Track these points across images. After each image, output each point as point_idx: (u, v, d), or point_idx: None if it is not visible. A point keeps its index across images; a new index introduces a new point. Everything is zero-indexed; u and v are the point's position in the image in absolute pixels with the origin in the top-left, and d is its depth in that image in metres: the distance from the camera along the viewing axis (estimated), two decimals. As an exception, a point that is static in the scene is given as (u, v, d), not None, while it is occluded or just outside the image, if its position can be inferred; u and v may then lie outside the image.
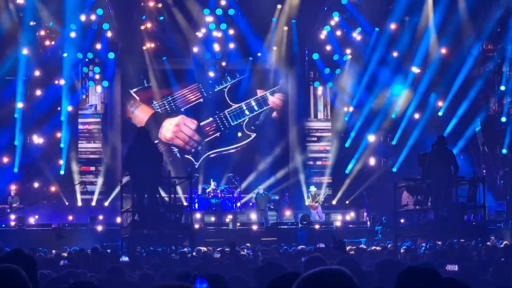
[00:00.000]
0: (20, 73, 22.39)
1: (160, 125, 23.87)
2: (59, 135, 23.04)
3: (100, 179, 23.22)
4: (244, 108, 24.45)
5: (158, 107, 24.46)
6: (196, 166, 23.28)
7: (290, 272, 4.35)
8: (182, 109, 24.50)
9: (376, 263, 7.98)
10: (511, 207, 20.40)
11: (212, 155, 24.22)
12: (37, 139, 22.89)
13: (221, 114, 24.29)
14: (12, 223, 20.45)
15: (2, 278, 3.97)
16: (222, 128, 24.37)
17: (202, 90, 24.50)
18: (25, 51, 22.40)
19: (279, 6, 23.79)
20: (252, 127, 24.60)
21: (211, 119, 24.22)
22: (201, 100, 24.49)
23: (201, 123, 24.17)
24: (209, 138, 24.36)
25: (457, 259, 11.34)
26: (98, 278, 8.59)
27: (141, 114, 24.34)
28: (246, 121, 24.49)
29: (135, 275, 9.64)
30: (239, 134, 24.39)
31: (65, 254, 14.23)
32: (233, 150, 24.24)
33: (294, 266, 8.84)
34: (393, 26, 23.75)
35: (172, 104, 24.42)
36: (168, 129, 23.35)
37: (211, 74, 24.25)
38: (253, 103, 24.39)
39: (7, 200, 21.76)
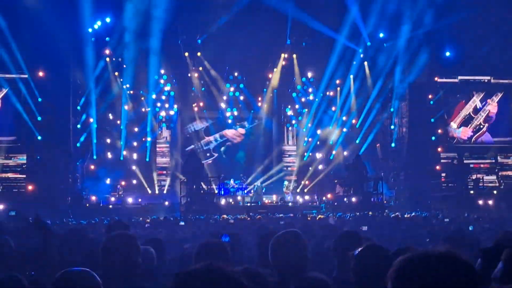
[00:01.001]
0: (123, 119, 22.39)
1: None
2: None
3: (168, 178, 23.17)
4: (212, 139, 24.37)
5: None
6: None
7: (271, 231, 4.37)
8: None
9: (321, 226, 7.99)
10: (398, 194, 20.33)
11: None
12: (132, 156, 22.77)
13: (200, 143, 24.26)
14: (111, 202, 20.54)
15: (118, 239, 3.96)
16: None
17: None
18: (126, 107, 22.54)
19: (267, 83, 23.87)
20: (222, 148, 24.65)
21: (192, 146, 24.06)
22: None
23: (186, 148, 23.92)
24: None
25: (367, 223, 11.34)
26: (165, 233, 8.52)
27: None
28: (213, 145, 24.40)
29: (188, 231, 9.58)
30: (207, 154, 24.22)
31: (148, 220, 14.17)
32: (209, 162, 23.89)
33: (276, 227, 8.82)
34: (331, 93, 23.94)
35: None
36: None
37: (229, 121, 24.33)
38: (217, 135, 24.39)
39: (117, 189, 21.84)
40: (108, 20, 20.52)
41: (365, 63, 22.54)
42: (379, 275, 2.17)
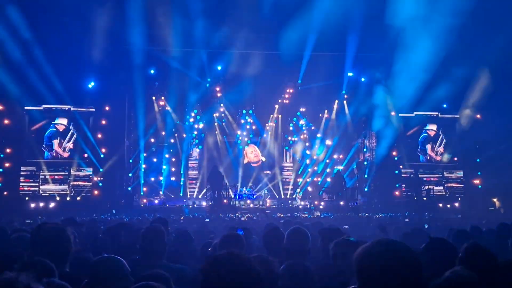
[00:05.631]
0: (164, 142, 22.35)
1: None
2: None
3: (197, 186, 23.03)
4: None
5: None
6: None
7: (276, 227, 4.25)
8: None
9: (312, 223, 7.81)
10: (370, 200, 20.10)
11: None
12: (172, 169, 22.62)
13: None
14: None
15: (155, 230, 3.92)
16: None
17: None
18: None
19: (271, 116, 23.74)
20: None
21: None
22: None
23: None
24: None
25: (347, 222, 11.17)
26: (195, 227, 8.37)
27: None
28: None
29: (212, 226, 9.44)
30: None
31: (182, 218, 14.02)
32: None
33: (278, 224, 8.66)
34: (322, 124, 23.83)
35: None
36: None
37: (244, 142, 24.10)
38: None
39: (159, 194, 21.69)
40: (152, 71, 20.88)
41: (344, 101, 22.54)
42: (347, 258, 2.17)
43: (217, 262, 1.87)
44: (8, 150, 18.76)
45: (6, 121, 18.66)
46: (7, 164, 18.60)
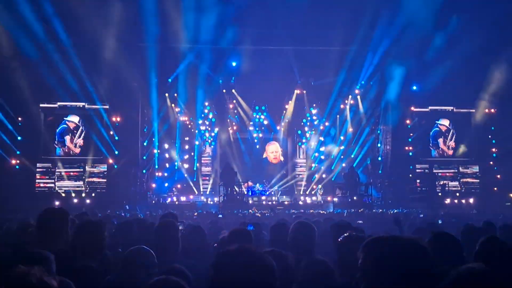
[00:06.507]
0: (177, 139, 22.36)
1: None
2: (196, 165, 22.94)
3: (210, 182, 23.02)
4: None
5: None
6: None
7: (286, 222, 4.26)
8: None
9: (324, 218, 7.81)
10: (384, 196, 19.95)
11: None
12: (185, 166, 22.64)
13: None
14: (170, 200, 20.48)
15: (168, 226, 3.93)
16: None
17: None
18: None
19: (284, 111, 23.63)
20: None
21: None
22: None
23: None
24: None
25: (361, 217, 11.13)
26: (208, 223, 8.41)
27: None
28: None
29: (224, 222, 9.49)
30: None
31: (196, 214, 14.09)
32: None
33: (289, 219, 8.67)
34: (335, 120, 23.60)
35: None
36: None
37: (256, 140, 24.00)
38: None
39: (173, 191, 21.70)
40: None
41: (358, 97, 22.35)
42: (354, 254, 2.13)
43: (228, 257, 1.85)
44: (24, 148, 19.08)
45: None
46: (17, 161, 18.90)
